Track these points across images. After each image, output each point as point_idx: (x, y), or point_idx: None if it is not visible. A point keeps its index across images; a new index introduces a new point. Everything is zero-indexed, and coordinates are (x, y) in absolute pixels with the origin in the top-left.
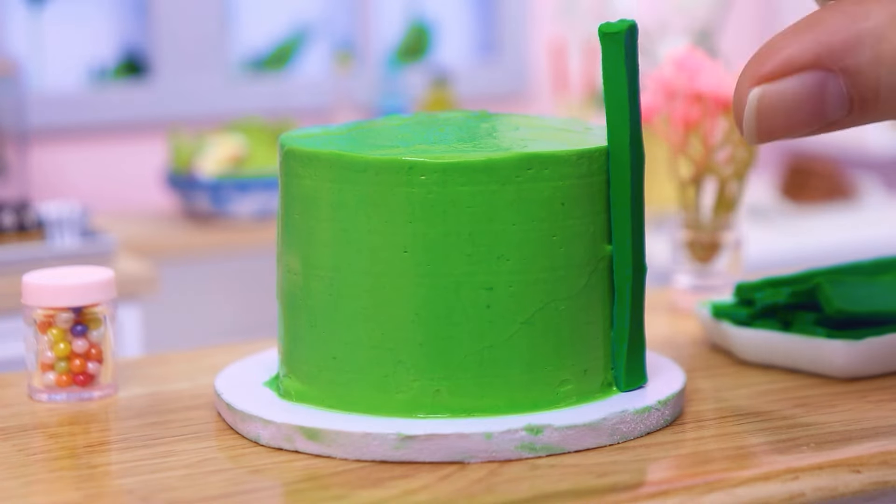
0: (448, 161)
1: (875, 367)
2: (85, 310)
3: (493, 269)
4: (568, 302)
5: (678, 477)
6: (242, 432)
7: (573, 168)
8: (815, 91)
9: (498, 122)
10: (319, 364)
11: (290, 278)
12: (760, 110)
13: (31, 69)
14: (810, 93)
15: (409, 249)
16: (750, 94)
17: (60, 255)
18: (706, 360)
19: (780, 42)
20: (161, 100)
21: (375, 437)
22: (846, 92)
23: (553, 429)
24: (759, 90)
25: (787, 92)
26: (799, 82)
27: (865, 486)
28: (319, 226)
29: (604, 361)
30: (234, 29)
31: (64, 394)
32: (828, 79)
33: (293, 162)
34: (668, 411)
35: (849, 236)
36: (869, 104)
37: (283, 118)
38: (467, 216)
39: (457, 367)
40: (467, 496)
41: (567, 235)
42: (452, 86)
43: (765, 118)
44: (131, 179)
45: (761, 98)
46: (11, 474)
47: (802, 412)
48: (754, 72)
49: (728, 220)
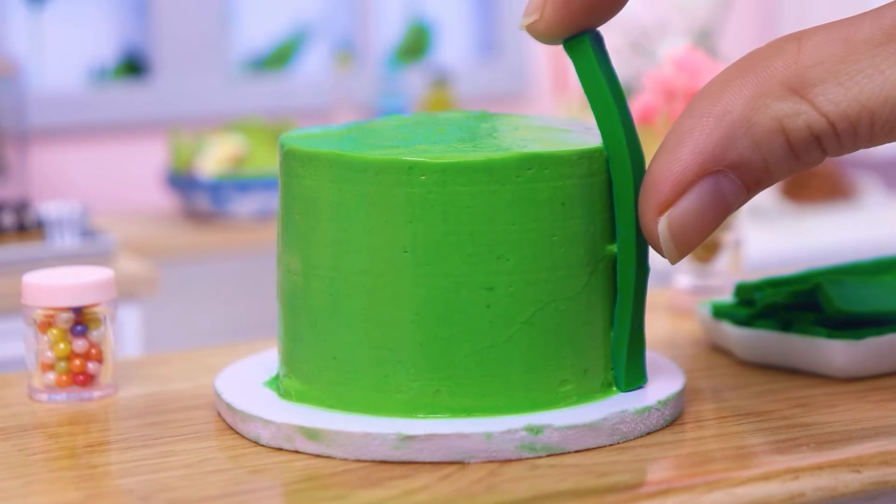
0: (448, 161)
1: (875, 367)
2: (85, 310)
3: (493, 270)
4: (568, 302)
5: (678, 477)
6: (242, 432)
7: (573, 168)
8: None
9: (498, 122)
10: (319, 364)
11: (289, 278)
12: (673, 235)
13: (31, 69)
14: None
15: (409, 249)
16: (658, 226)
17: (60, 255)
18: (706, 360)
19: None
20: (161, 100)
21: (375, 437)
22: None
23: (553, 429)
24: (664, 219)
25: (689, 209)
26: (696, 195)
27: (865, 486)
28: (319, 226)
29: (604, 361)
30: (234, 29)
31: (64, 394)
32: (720, 179)
33: (293, 162)
34: (668, 411)
35: (849, 236)
36: (763, 180)
37: (283, 118)
38: (467, 216)
39: (457, 367)
40: (467, 496)
41: (567, 235)
42: (452, 86)
43: (679, 239)
44: (131, 179)
45: (669, 225)
46: (11, 474)
47: (802, 412)
48: (653, 203)
49: (728, 220)
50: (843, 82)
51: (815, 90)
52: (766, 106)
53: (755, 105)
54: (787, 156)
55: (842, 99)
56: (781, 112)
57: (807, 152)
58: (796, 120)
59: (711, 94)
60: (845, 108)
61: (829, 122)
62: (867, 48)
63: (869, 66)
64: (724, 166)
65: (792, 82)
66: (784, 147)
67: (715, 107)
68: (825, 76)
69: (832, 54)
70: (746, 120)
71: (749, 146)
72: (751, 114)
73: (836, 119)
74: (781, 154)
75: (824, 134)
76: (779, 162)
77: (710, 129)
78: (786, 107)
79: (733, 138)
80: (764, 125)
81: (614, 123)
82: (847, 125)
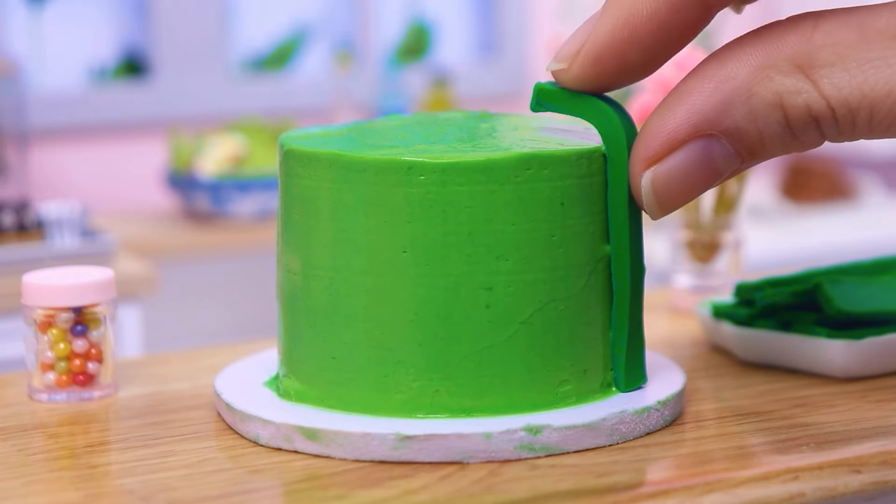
0: (447, 161)
1: (875, 367)
2: (85, 310)
3: (492, 270)
4: (567, 302)
5: (678, 477)
6: (242, 432)
7: (573, 168)
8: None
9: (497, 122)
10: (319, 364)
11: (289, 278)
12: (655, 190)
13: (31, 69)
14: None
15: (408, 249)
16: (643, 179)
17: (60, 255)
18: (706, 360)
19: (658, 121)
20: (161, 100)
21: (374, 437)
22: (732, 149)
23: (552, 429)
24: (650, 173)
25: (675, 167)
26: (685, 155)
27: (865, 485)
28: (319, 226)
29: (603, 362)
30: (234, 29)
31: (64, 394)
32: (711, 143)
33: (293, 162)
34: (668, 412)
35: (849, 236)
36: (757, 152)
37: (283, 118)
38: (466, 216)
39: (456, 368)
40: (467, 496)
41: (566, 235)
42: (452, 86)
43: (661, 195)
44: (131, 179)
45: (653, 180)
46: (11, 474)
47: (802, 412)
48: (641, 156)
49: (728, 220)
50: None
51: (822, 72)
52: (769, 78)
53: (759, 75)
54: (784, 132)
55: (845, 85)
56: (783, 87)
57: (804, 132)
58: (797, 98)
59: (720, 57)
60: (847, 94)
61: (828, 106)
62: (881, 39)
63: (879, 56)
64: (717, 131)
65: (800, 59)
66: (781, 122)
67: (719, 71)
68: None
69: (845, 38)
70: (747, 89)
71: (745, 115)
72: (753, 83)
73: (836, 104)
74: (777, 129)
75: (823, 117)
76: (774, 136)
77: (710, 92)
78: (789, 83)
79: (731, 104)
80: (763, 97)
81: (615, 126)
82: (846, 112)
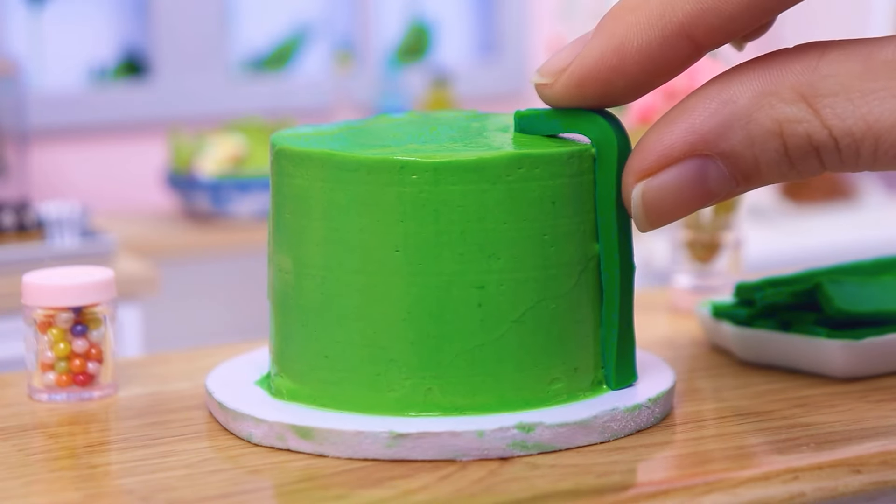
0: (439, 160)
1: (875, 367)
2: (85, 310)
3: (484, 268)
4: (559, 301)
5: (678, 477)
6: (234, 431)
7: (564, 167)
8: (695, 177)
9: (489, 121)
10: (311, 363)
11: (281, 277)
12: (645, 203)
13: (31, 69)
14: (691, 179)
15: (400, 248)
16: (634, 191)
17: (60, 255)
18: (706, 360)
19: (655, 136)
20: (161, 100)
21: (368, 436)
22: (727, 172)
23: (544, 427)
24: (641, 185)
25: (668, 183)
26: (678, 172)
27: (865, 485)
28: (311, 225)
29: (594, 360)
30: (234, 29)
31: (64, 394)
32: (707, 164)
33: (284, 161)
34: (659, 409)
35: (849, 236)
36: (752, 178)
37: (283, 118)
38: (458, 215)
39: (448, 366)
40: (467, 496)
41: (558, 234)
42: (452, 86)
43: (651, 209)
44: (131, 179)
45: (644, 193)
46: (11, 474)
47: (802, 412)
48: (636, 168)
49: (728, 220)
50: (854, 99)
51: (825, 101)
52: (770, 105)
53: (760, 101)
54: (781, 160)
55: (849, 115)
56: (784, 115)
57: (803, 161)
58: (797, 126)
59: (724, 79)
60: (851, 124)
61: (831, 136)
62: (886, 70)
63: (884, 88)
64: (714, 152)
65: (803, 88)
66: (779, 150)
67: (722, 93)
68: (837, 89)
69: (850, 69)
70: (747, 114)
71: (743, 140)
72: (753, 109)
73: (839, 134)
74: (775, 156)
75: (824, 146)
76: (771, 164)
77: (710, 113)
78: (790, 111)
79: (730, 128)
80: (762, 123)
81: (602, 129)
82: (850, 142)
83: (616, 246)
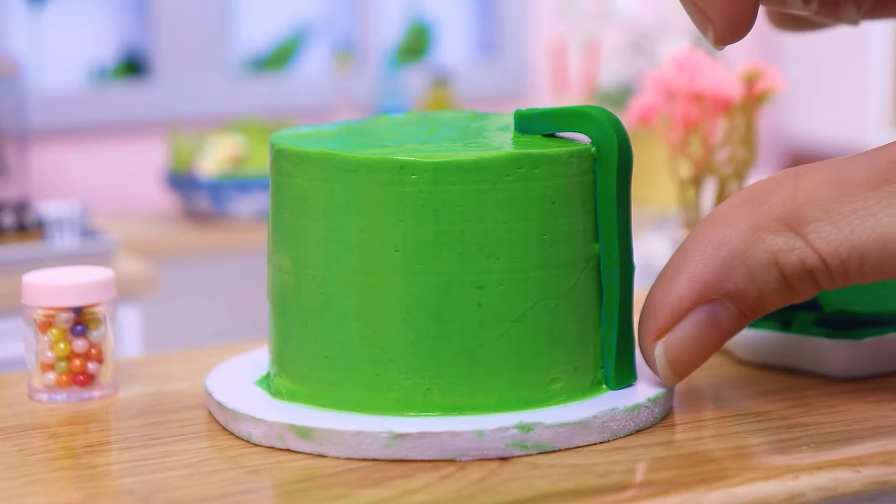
0: (439, 160)
1: (875, 367)
2: (85, 310)
3: (483, 268)
4: (558, 300)
5: (678, 477)
6: (234, 431)
7: (563, 167)
8: (709, 322)
9: (489, 121)
10: (310, 363)
11: (280, 277)
12: (669, 361)
13: (31, 69)
14: (705, 326)
15: (400, 248)
16: (655, 350)
17: (60, 255)
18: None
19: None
20: (161, 100)
21: (367, 436)
22: (736, 309)
23: (544, 426)
24: (661, 344)
25: (685, 335)
26: (692, 322)
27: (865, 485)
28: (310, 225)
29: (594, 360)
30: (234, 29)
31: (64, 394)
32: (716, 307)
33: (284, 161)
34: (658, 409)
35: None
36: (758, 309)
37: (283, 118)
38: (458, 215)
39: (448, 366)
40: (467, 496)
41: (557, 234)
42: (452, 86)
43: (676, 364)
44: (131, 179)
45: (666, 351)
46: (11, 474)
47: (802, 412)
48: (651, 329)
49: None
50: (836, 222)
51: (809, 227)
52: (761, 240)
53: (752, 238)
54: (782, 288)
55: (833, 238)
56: (776, 246)
57: (800, 284)
58: (790, 255)
59: (712, 224)
60: (836, 246)
61: (820, 259)
62: (861, 190)
63: (861, 207)
64: (720, 295)
65: (787, 218)
66: (778, 279)
67: (714, 237)
68: (819, 214)
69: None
70: (743, 252)
71: (745, 277)
72: (747, 246)
73: (828, 256)
74: (776, 286)
75: (816, 269)
76: (773, 293)
77: (708, 259)
78: (780, 241)
79: (730, 269)
80: (759, 258)
81: (606, 125)
82: (838, 263)
83: (616, 246)
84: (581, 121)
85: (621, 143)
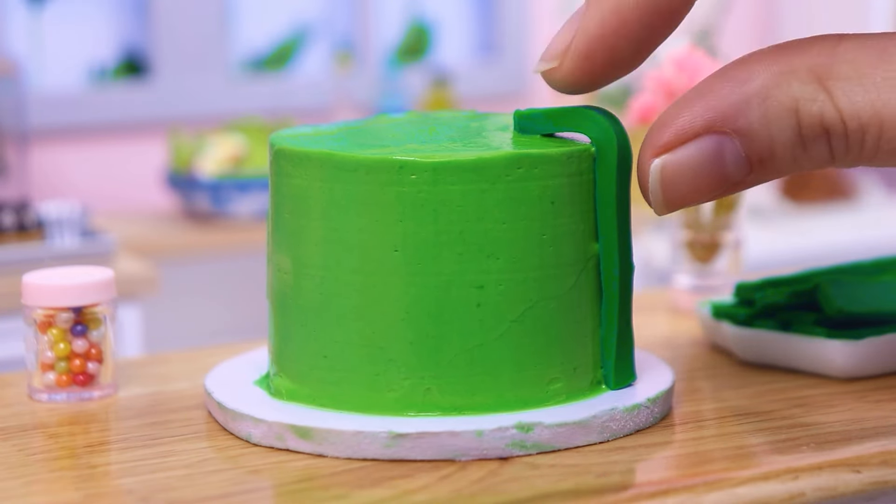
0: (438, 160)
1: (875, 367)
2: (85, 310)
3: (483, 268)
4: (557, 300)
5: (678, 477)
6: (233, 431)
7: (563, 167)
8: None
9: (489, 121)
10: (310, 363)
11: (280, 277)
12: (664, 179)
13: (31, 69)
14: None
15: (399, 248)
16: (651, 165)
17: (60, 255)
18: (706, 360)
19: (674, 112)
20: (161, 100)
21: (367, 436)
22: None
23: (543, 426)
24: (660, 160)
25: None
26: (696, 148)
27: (865, 485)
28: (310, 225)
29: (593, 359)
30: (234, 29)
31: (64, 394)
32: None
33: (283, 161)
34: (658, 409)
35: (849, 236)
36: (766, 162)
37: (283, 118)
38: (457, 215)
39: (447, 366)
40: (467, 496)
41: (557, 234)
42: (452, 86)
43: (669, 186)
44: (131, 179)
45: (663, 168)
46: (11, 474)
47: (802, 412)
48: (653, 143)
49: (728, 220)
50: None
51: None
52: (787, 83)
53: (778, 80)
54: (795, 140)
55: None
56: (800, 93)
57: (814, 143)
58: (811, 105)
59: (743, 61)
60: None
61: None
62: None
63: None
64: (731, 129)
65: (819, 70)
66: (794, 128)
67: (740, 73)
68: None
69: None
70: (765, 91)
71: (760, 118)
72: (771, 87)
73: (848, 117)
74: (790, 135)
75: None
76: (785, 144)
77: (728, 91)
78: (806, 90)
79: (748, 104)
80: (780, 100)
81: (601, 127)
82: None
83: (615, 246)
84: (580, 121)
85: (621, 143)
